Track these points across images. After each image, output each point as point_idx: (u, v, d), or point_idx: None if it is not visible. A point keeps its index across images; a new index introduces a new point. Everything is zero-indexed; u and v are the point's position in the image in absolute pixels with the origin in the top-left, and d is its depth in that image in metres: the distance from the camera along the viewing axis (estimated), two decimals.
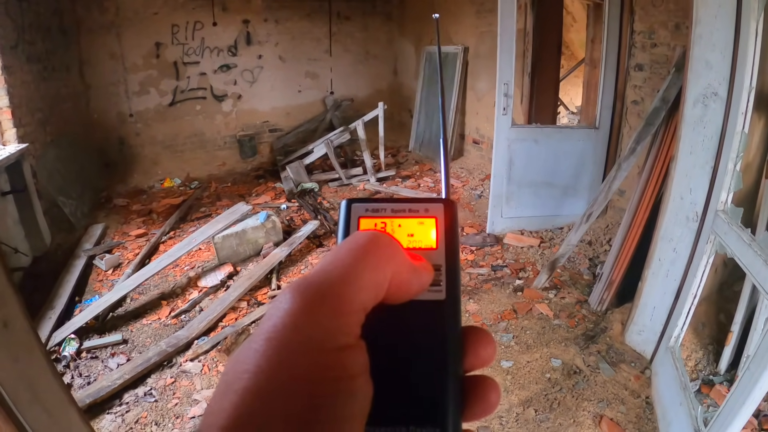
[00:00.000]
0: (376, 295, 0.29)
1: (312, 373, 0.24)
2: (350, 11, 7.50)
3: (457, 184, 5.76)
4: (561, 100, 7.92)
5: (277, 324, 0.25)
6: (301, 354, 0.25)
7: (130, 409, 2.53)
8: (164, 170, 6.56)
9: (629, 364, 2.66)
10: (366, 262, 0.28)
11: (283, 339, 0.25)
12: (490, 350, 0.33)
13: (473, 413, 0.31)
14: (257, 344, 0.25)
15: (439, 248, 0.34)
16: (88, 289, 3.72)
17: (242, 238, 4.04)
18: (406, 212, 0.36)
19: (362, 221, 0.35)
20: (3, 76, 3.92)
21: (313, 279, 0.27)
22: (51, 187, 4.53)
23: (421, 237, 0.35)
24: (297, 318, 0.25)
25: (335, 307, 0.26)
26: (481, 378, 0.32)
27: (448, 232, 0.35)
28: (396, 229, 0.35)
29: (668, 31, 3.44)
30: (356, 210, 0.36)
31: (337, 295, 0.27)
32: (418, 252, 0.34)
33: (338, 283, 0.27)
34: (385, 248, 0.30)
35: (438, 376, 0.31)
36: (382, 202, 0.36)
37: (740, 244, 1.93)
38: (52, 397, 1.32)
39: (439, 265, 0.34)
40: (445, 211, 0.36)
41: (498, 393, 0.32)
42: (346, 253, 0.29)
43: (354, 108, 7.54)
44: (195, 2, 6.50)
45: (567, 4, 7.30)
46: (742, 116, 2.05)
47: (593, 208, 3.28)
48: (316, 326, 0.25)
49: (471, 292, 3.47)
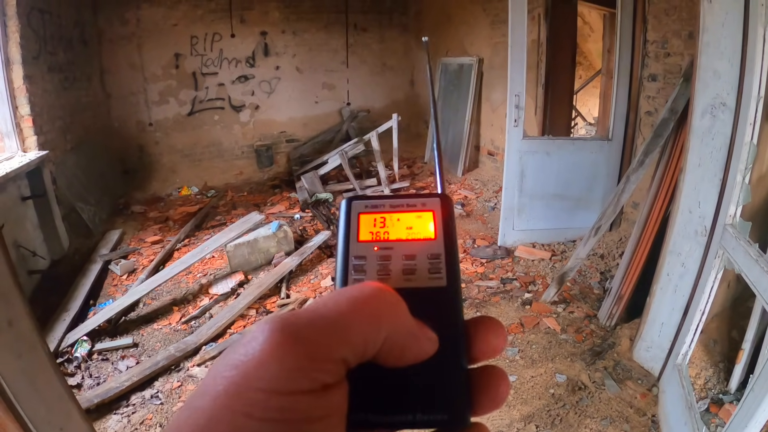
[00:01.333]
0: (363, 351, 0.27)
1: (265, 413, 0.24)
2: (367, 23, 7.59)
3: (470, 196, 5.74)
4: (578, 111, 7.86)
5: (246, 354, 0.25)
6: (259, 391, 0.24)
7: (136, 411, 2.58)
8: (182, 179, 6.69)
9: (636, 382, 2.60)
10: (362, 315, 0.27)
11: (246, 372, 0.25)
12: (501, 339, 0.32)
13: (482, 405, 0.31)
14: (224, 368, 0.25)
15: (438, 238, 0.36)
16: (103, 292, 3.81)
17: (254, 247, 4.09)
18: (404, 207, 0.37)
19: (362, 217, 0.37)
20: (25, 85, 4.06)
21: (296, 319, 0.26)
22: (70, 193, 4.65)
23: (420, 229, 0.36)
24: (265, 354, 0.25)
25: (308, 353, 0.25)
26: (491, 368, 0.32)
27: (445, 224, 0.36)
28: (395, 222, 0.37)
29: (681, 40, 3.40)
30: (356, 207, 0.37)
31: (316, 342, 0.26)
32: (417, 243, 0.35)
33: (323, 329, 0.26)
34: (389, 306, 0.28)
35: (444, 361, 0.31)
36: (381, 199, 0.38)
37: (747, 260, 1.88)
38: (53, 392, 1.36)
39: (439, 254, 0.35)
40: (441, 205, 0.37)
41: (507, 385, 0.32)
42: (345, 300, 0.27)
43: (370, 119, 7.59)
44: (214, 14, 6.66)
45: (584, 14, 7.29)
46: (750, 127, 2.01)
47: (602, 221, 3.23)
48: (282, 367, 0.25)
49: (479, 304, 3.44)
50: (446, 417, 0.30)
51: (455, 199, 5.63)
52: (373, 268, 0.34)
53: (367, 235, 0.36)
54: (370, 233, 0.36)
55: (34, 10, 4.34)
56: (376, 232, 0.36)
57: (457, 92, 6.53)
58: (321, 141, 7.51)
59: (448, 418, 0.30)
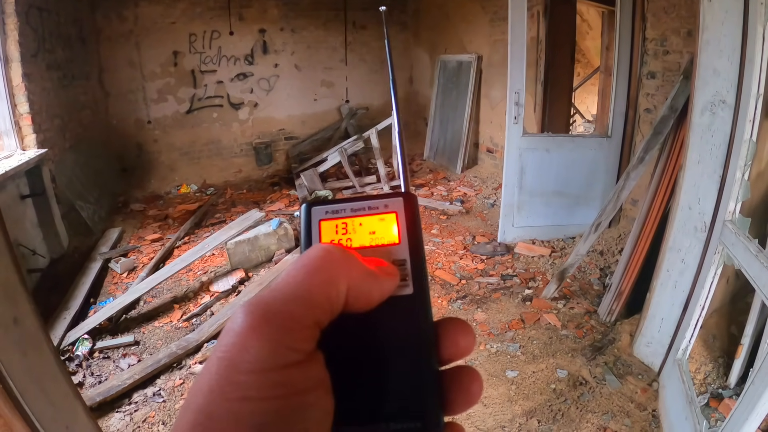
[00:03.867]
0: (331, 309, 0.29)
1: (260, 392, 0.25)
2: (366, 20, 7.57)
3: (470, 193, 5.75)
4: (576, 108, 7.87)
5: (228, 343, 0.26)
6: (249, 373, 0.25)
7: (138, 409, 2.58)
8: (181, 176, 6.68)
9: (636, 377, 2.62)
10: (317, 277, 0.28)
11: (232, 359, 0.25)
12: (469, 339, 0.32)
13: (455, 405, 0.31)
14: (211, 363, 0.26)
15: (402, 243, 0.34)
16: (103, 291, 3.80)
17: (254, 245, 4.09)
18: (365, 210, 0.35)
19: (323, 224, 0.35)
20: (23, 83, 4.04)
21: (264, 297, 0.27)
22: (69, 191, 4.64)
23: (383, 233, 0.35)
24: (245, 337, 0.26)
25: (283, 325, 0.26)
26: (462, 369, 0.32)
27: (409, 226, 0.35)
28: (357, 228, 0.35)
29: (680, 38, 3.41)
30: (316, 213, 0.35)
31: (287, 312, 0.27)
32: (381, 248, 0.34)
33: (289, 300, 0.27)
34: (338, 261, 0.29)
35: (413, 369, 0.30)
36: (341, 203, 0.36)
37: (747, 256, 1.90)
38: (58, 390, 1.37)
39: (404, 260, 0.33)
40: (405, 205, 0.35)
41: (480, 383, 0.32)
42: (298, 270, 0.29)
43: (369, 116, 7.58)
44: (212, 12, 6.64)
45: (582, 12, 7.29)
46: (749, 124, 2.02)
47: (602, 218, 3.25)
48: (263, 345, 0.26)
49: (479, 301, 3.46)
50: (419, 425, 0.30)
51: (454, 196, 5.64)
52: None
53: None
54: (332, 242, 0.34)
55: (32, 7, 4.32)
56: (338, 239, 0.35)
57: (456, 90, 6.53)
58: (320, 138, 7.51)
59: (422, 425, 0.30)
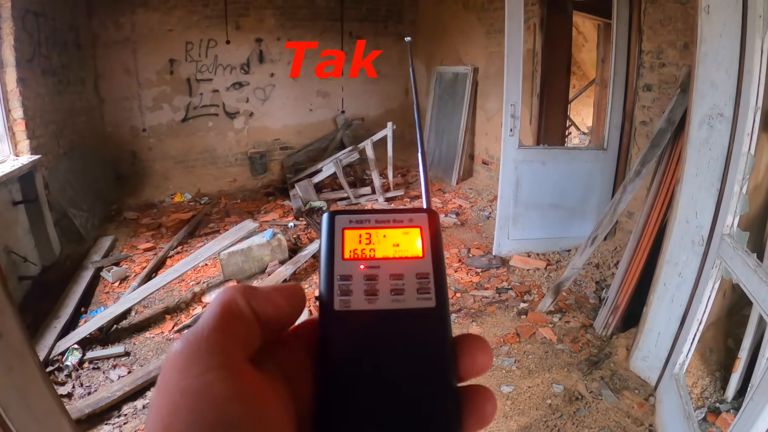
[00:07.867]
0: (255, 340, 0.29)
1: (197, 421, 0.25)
2: (362, 31, 7.59)
3: (465, 205, 5.74)
4: (572, 120, 7.91)
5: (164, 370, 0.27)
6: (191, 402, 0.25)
7: (128, 421, 2.53)
8: (175, 185, 6.63)
9: (633, 391, 2.59)
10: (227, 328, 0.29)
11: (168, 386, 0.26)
12: (487, 357, 0.32)
13: (467, 426, 0.31)
14: (157, 389, 0.26)
15: (426, 257, 0.34)
16: (94, 300, 3.75)
17: (248, 255, 4.05)
18: (390, 223, 0.36)
19: (347, 233, 0.35)
20: (18, 88, 4.01)
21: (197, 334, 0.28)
22: (62, 198, 4.60)
23: (407, 247, 0.35)
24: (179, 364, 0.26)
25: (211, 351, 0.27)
26: (477, 388, 0.32)
27: (433, 241, 0.35)
28: (381, 239, 0.35)
29: (676, 50, 3.43)
30: (340, 222, 0.36)
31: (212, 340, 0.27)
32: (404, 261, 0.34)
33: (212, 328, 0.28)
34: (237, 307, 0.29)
35: (433, 384, 0.30)
36: (366, 214, 0.36)
37: (745, 270, 1.89)
38: (44, 406, 1.33)
39: (427, 273, 0.34)
40: (429, 221, 0.36)
41: (494, 404, 0.31)
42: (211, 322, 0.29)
43: (365, 127, 7.58)
44: (209, 20, 6.64)
45: (578, 24, 7.35)
46: (747, 137, 2.02)
47: (598, 231, 3.24)
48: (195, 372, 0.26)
49: (474, 314, 3.43)
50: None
51: (449, 208, 5.63)
52: (360, 288, 0.33)
53: (352, 253, 0.35)
54: (355, 250, 0.35)
55: (28, 12, 4.30)
56: (361, 249, 0.35)
57: (452, 101, 6.55)
58: (315, 149, 7.50)
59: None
